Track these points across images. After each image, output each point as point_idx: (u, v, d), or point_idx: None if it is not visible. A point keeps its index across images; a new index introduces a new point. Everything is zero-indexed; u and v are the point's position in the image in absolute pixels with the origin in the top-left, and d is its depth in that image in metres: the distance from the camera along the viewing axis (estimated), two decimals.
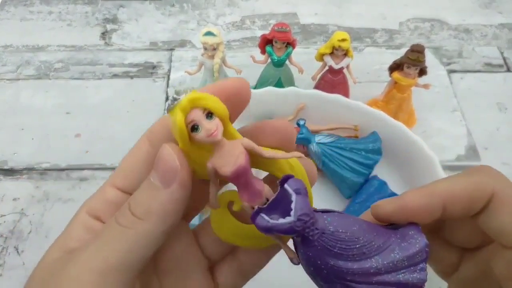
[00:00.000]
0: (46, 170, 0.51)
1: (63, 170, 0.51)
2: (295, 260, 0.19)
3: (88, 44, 0.64)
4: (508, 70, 0.62)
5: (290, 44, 0.50)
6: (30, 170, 0.51)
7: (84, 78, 0.60)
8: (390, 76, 0.50)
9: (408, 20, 0.68)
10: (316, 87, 0.54)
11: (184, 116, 0.17)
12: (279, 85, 0.53)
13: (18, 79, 0.60)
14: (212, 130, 0.17)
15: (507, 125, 0.55)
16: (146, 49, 0.64)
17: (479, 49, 0.64)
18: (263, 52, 0.52)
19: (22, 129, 0.55)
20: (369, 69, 0.61)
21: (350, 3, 0.71)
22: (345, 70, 0.52)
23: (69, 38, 0.65)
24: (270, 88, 0.49)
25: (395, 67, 0.50)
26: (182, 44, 0.65)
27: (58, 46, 0.64)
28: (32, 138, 0.54)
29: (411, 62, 0.47)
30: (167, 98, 0.57)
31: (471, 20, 0.68)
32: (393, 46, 0.65)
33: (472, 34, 0.67)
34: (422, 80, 0.50)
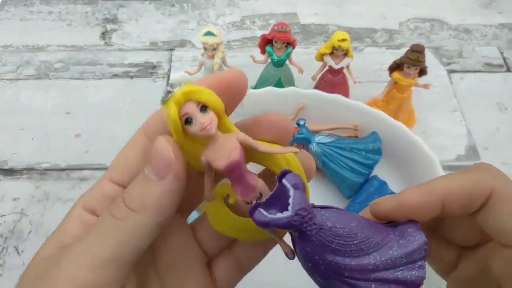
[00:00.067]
0: (46, 170, 0.51)
1: (63, 170, 0.51)
2: (290, 254, 0.19)
3: (88, 44, 0.64)
4: (508, 70, 0.62)
5: (290, 44, 0.50)
6: (30, 170, 0.51)
7: (84, 78, 0.60)
8: (390, 76, 0.50)
9: (408, 20, 0.68)
10: (316, 87, 0.54)
11: (177, 109, 0.17)
12: (279, 85, 0.53)
13: (18, 79, 0.60)
14: (205, 124, 0.17)
15: (507, 125, 0.55)
16: (146, 49, 0.64)
17: (479, 49, 0.64)
18: (263, 52, 0.52)
19: (22, 129, 0.55)
20: (369, 69, 0.61)
21: (350, 3, 0.71)
22: (345, 70, 0.52)
23: (69, 38, 0.65)
24: (270, 88, 0.49)
25: (395, 67, 0.50)
26: (182, 44, 0.65)
27: (58, 46, 0.64)
28: (32, 138, 0.54)
29: (411, 62, 0.47)
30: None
31: (471, 20, 0.68)
32: (393, 46, 0.65)
33: (472, 34, 0.67)
34: (422, 80, 0.50)
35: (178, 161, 0.18)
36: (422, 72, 0.49)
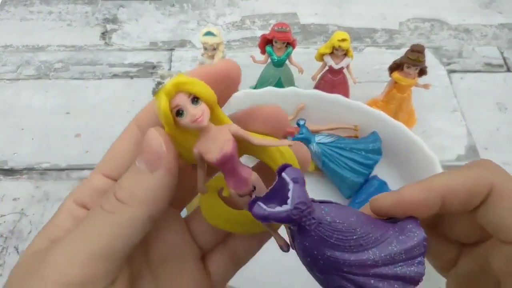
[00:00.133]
0: (46, 170, 0.51)
1: (63, 170, 0.51)
2: (285, 247, 0.19)
3: (88, 44, 0.64)
4: (508, 70, 0.62)
5: (290, 44, 0.50)
6: (30, 170, 0.51)
7: (84, 78, 0.60)
8: (390, 76, 0.50)
9: (408, 20, 0.68)
10: (316, 87, 0.54)
11: (168, 100, 0.17)
12: (279, 85, 0.53)
13: (18, 79, 0.60)
14: (197, 116, 0.17)
15: (507, 125, 0.55)
16: (146, 49, 0.64)
17: (479, 49, 0.64)
18: (263, 52, 0.52)
19: (22, 129, 0.55)
20: (369, 69, 0.61)
21: (350, 3, 0.71)
22: (345, 70, 0.52)
23: (69, 38, 0.65)
24: (270, 88, 0.49)
25: (395, 67, 0.50)
26: (182, 44, 0.65)
27: (58, 46, 0.64)
28: (32, 138, 0.54)
29: (411, 62, 0.47)
30: None
31: (471, 20, 0.68)
32: (393, 46, 0.65)
33: (472, 34, 0.67)
34: (422, 80, 0.50)
35: (169, 153, 0.17)
36: (422, 72, 0.49)
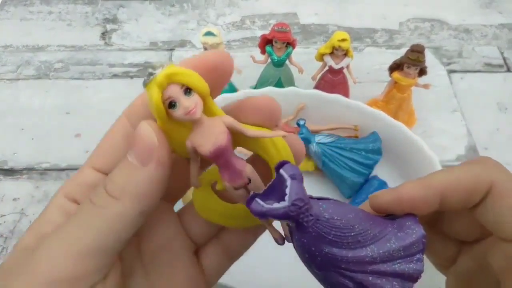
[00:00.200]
0: (46, 170, 0.51)
1: (63, 170, 0.51)
2: (280, 240, 0.19)
3: (88, 44, 0.64)
4: (508, 70, 0.62)
5: (290, 44, 0.50)
6: (30, 170, 0.51)
7: (84, 78, 0.60)
8: (390, 76, 0.50)
9: (408, 20, 0.68)
10: (316, 87, 0.54)
11: (160, 92, 0.16)
12: (279, 85, 0.53)
13: (18, 79, 0.60)
14: (190, 108, 0.16)
15: (507, 125, 0.55)
16: (146, 49, 0.64)
17: (479, 49, 0.64)
18: (263, 52, 0.52)
19: (22, 129, 0.55)
20: (369, 69, 0.61)
21: (350, 3, 0.71)
22: (345, 70, 0.52)
23: (69, 38, 0.65)
24: (270, 88, 0.49)
25: (395, 67, 0.50)
26: (182, 44, 0.65)
27: (58, 46, 0.64)
28: (32, 138, 0.54)
29: (411, 62, 0.47)
30: None
31: (471, 20, 0.68)
32: (393, 46, 0.65)
33: (472, 34, 0.67)
34: (422, 80, 0.50)
35: (162, 146, 0.17)
36: (422, 72, 0.49)
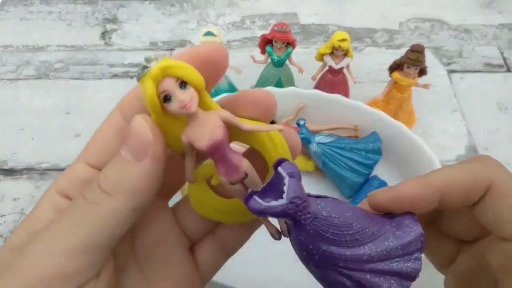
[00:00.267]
0: (46, 170, 0.51)
1: (63, 170, 0.51)
2: (276, 235, 0.19)
3: (88, 44, 0.64)
4: (508, 70, 0.62)
5: (290, 44, 0.50)
6: (30, 170, 0.51)
7: (84, 78, 0.60)
8: (390, 76, 0.50)
9: (408, 20, 0.68)
10: (316, 87, 0.54)
11: (155, 85, 0.16)
12: (279, 85, 0.53)
13: (18, 79, 0.60)
14: (185, 102, 0.16)
15: (507, 125, 0.55)
16: (146, 49, 0.64)
17: (479, 49, 0.64)
18: (263, 52, 0.52)
19: (22, 129, 0.55)
20: (369, 69, 0.61)
21: (350, 3, 0.71)
22: (345, 70, 0.52)
23: (69, 38, 0.65)
24: (270, 88, 0.49)
25: (395, 67, 0.50)
26: (182, 44, 0.65)
27: (58, 46, 0.64)
28: (32, 138, 0.54)
29: (411, 62, 0.47)
30: None
31: (471, 20, 0.68)
32: (393, 46, 0.65)
33: (472, 34, 0.67)
34: (422, 80, 0.50)
35: (156, 141, 0.17)
36: (422, 72, 0.49)
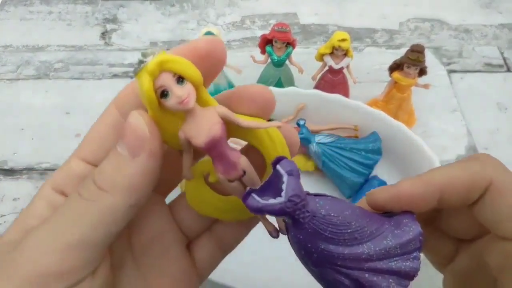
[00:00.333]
0: (46, 170, 0.51)
1: None
2: (274, 233, 0.19)
3: (88, 44, 0.64)
4: (508, 70, 0.62)
5: (290, 44, 0.50)
6: (30, 170, 0.51)
7: (84, 78, 0.60)
8: (390, 76, 0.50)
9: (408, 20, 0.68)
10: (316, 87, 0.54)
11: (152, 80, 0.16)
12: (279, 85, 0.53)
13: (18, 79, 0.60)
14: (183, 97, 0.16)
15: (507, 125, 0.55)
16: (146, 49, 0.64)
17: (479, 49, 0.64)
18: (263, 52, 0.52)
19: (22, 129, 0.55)
20: (369, 69, 0.61)
21: (350, 3, 0.71)
22: (345, 70, 0.52)
23: (69, 38, 0.65)
24: (270, 88, 0.49)
25: (395, 67, 0.50)
26: (182, 44, 0.64)
27: (58, 46, 0.64)
28: (32, 138, 0.54)
29: (411, 62, 0.47)
30: None
31: (471, 20, 0.68)
32: (393, 46, 0.65)
33: (472, 34, 0.67)
34: (422, 80, 0.50)
35: (153, 137, 0.16)
36: (422, 72, 0.49)
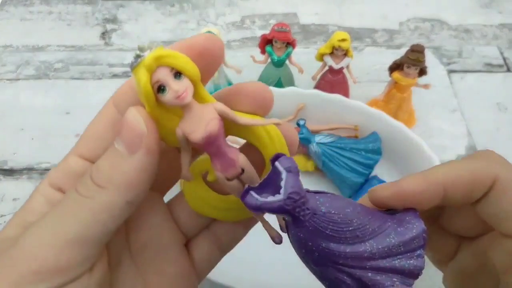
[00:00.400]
0: (46, 170, 0.51)
1: None
2: (277, 239, 0.19)
3: (88, 44, 0.64)
4: (508, 70, 0.62)
5: (290, 44, 0.50)
6: (30, 170, 0.51)
7: (84, 78, 0.60)
8: (390, 76, 0.50)
9: (408, 20, 0.68)
10: (316, 87, 0.54)
11: (149, 75, 0.15)
12: (279, 85, 0.53)
13: (18, 79, 0.60)
14: (180, 92, 0.16)
15: (507, 125, 0.55)
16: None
17: (479, 49, 0.64)
18: (263, 52, 0.52)
19: (22, 129, 0.55)
20: (369, 69, 0.61)
21: (350, 3, 0.70)
22: (345, 70, 0.52)
23: (69, 38, 0.65)
24: (270, 88, 0.49)
25: (395, 67, 0.50)
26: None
27: (58, 46, 0.64)
28: (32, 138, 0.54)
29: (411, 62, 0.47)
30: None
31: (471, 20, 0.68)
32: (393, 46, 0.64)
33: (472, 34, 0.67)
34: (422, 80, 0.50)
35: (150, 134, 0.16)
36: (422, 72, 0.49)
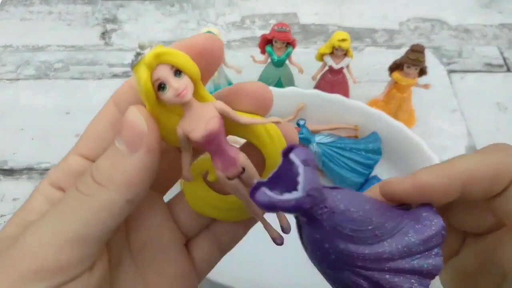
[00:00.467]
0: (46, 170, 0.51)
1: None
2: (278, 240, 0.18)
3: (88, 44, 0.64)
4: (508, 70, 0.62)
5: (290, 44, 0.50)
6: (30, 170, 0.51)
7: (84, 78, 0.60)
8: (390, 76, 0.50)
9: (408, 20, 0.68)
10: (316, 87, 0.54)
11: (149, 73, 0.15)
12: (279, 85, 0.53)
13: (18, 79, 0.60)
14: (180, 89, 0.15)
15: (507, 125, 0.55)
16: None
17: (479, 49, 0.64)
18: (263, 52, 0.52)
19: (22, 129, 0.55)
20: (369, 69, 0.61)
21: (351, 3, 0.70)
22: (345, 70, 0.52)
23: (69, 38, 0.65)
24: (270, 88, 0.49)
25: (395, 67, 0.50)
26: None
27: (58, 46, 0.64)
28: (32, 138, 0.54)
29: (411, 62, 0.47)
30: None
31: (471, 20, 0.68)
32: (393, 46, 0.64)
33: (472, 34, 0.67)
34: (422, 80, 0.50)
35: (151, 133, 0.16)
36: (422, 72, 0.49)
